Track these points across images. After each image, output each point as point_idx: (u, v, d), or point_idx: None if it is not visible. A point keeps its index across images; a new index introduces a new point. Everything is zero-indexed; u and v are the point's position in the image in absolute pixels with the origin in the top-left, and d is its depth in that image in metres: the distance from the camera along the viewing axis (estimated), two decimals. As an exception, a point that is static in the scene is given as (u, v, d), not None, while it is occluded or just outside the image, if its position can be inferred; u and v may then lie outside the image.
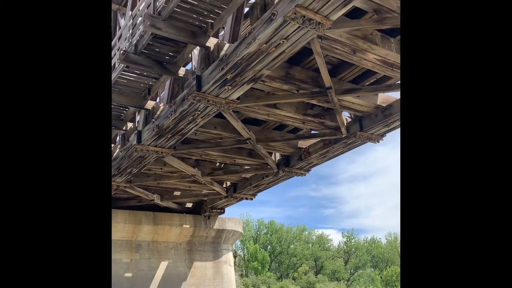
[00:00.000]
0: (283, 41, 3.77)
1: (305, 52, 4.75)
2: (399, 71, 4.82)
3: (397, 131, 6.05)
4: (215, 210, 9.24)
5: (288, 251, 37.44)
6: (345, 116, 6.40)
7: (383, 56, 4.51)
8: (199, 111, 4.84)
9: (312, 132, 6.65)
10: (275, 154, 7.46)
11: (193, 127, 5.26)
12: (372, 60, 4.56)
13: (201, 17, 4.31)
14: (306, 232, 42.11)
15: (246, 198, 8.46)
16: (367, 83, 5.69)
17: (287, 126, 6.63)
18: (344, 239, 41.65)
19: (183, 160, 6.98)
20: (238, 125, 5.64)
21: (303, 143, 6.98)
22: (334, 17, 3.55)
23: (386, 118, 5.65)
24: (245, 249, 38.06)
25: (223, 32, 4.94)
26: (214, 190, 8.17)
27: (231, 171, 7.59)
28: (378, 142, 6.24)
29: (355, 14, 4.19)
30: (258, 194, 8.57)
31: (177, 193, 8.81)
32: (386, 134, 6.17)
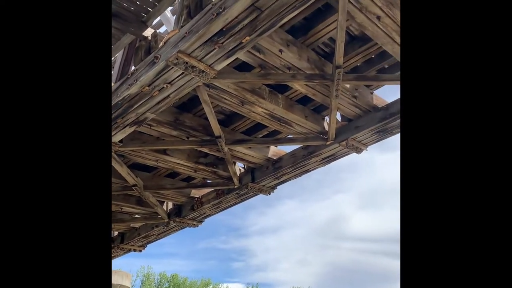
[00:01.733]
0: (167, 86, 3.67)
1: (197, 99, 4.69)
2: (286, 125, 4.98)
3: (299, 184, 6.15)
4: (99, 263, 8.34)
5: (190, 306, 35.49)
6: (240, 166, 6.39)
7: (271, 110, 4.64)
8: (75, 152, 4.41)
9: (208, 181, 6.49)
10: (167, 203, 7.10)
11: (69, 170, 4.76)
12: (260, 113, 4.65)
13: (84, 52, 4.06)
14: (211, 286, 40.62)
15: (135, 250, 7.81)
16: (260, 135, 5.80)
17: (181, 173, 6.40)
18: (248, 293, 40.89)
19: (61, 205, 6.26)
20: (122, 170, 5.26)
21: (196, 192, 6.76)
22: (218, 67, 3.56)
23: (276, 171, 5.74)
24: (143, 306, 35.21)
25: (113, 71, 4.71)
26: (98, 240, 7.41)
27: (118, 219, 7.00)
28: (269, 194, 6.28)
29: (244, 67, 4.28)
30: (164, 245, 8.01)
31: (55, 243, 7.82)
32: (277, 187, 6.26)
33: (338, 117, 5.23)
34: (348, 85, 4.50)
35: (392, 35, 3.68)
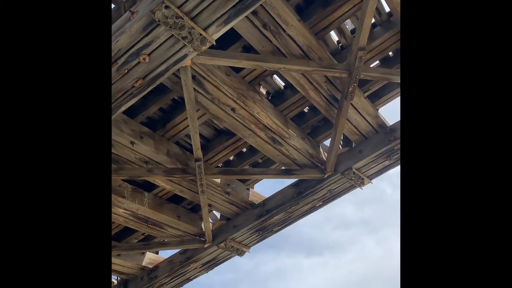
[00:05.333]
0: None
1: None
2: (156, 228, 4.44)
3: None
4: None
5: None
6: (113, 278, 5.50)
7: (134, 210, 4.12)
8: None
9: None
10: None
11: None
12: (122, 214, 4.09)
13: None
14: None
15: None
16: (136, 241, 5.13)
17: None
18: None
19: None
20: None
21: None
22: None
23: (151, 282, 4.99)
24: None
25: None
26: None
27: None
28: (148, 311, 5.37)
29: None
30: None
31: None
32: (157, 301, 5.40)
33: (218, 216, 4.86)
34: (219, 181, 4.22)
35: (251, 127, 3.57)
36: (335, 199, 4.40)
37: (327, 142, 4.33)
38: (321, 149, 4.25)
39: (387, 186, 34.16)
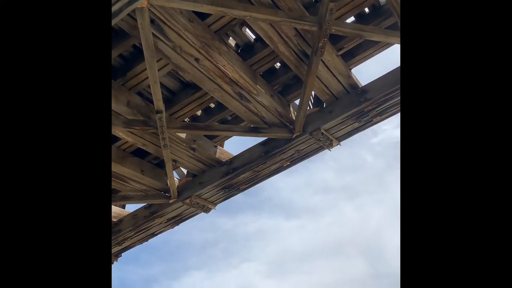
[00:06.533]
0: None
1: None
2: (118, 181, 4.32)
3: (207, 254, 5.34)
4: None
5: None
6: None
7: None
8: None
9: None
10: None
11: None
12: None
13: None
14: None
15: None
16: (101, 194, 5.02)
17: None
18: None
19: None
20: None
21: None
22: None
23: (115, 235, 4.93)
24: None
25: None
26: None
27: None
28: (112, 263, 5.37)
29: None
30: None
31: None
32: (122, 254, 5.39)
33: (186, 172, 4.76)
34: (184, 136, 4.08)
35: (216, 81, 3.40)
36: (303, 159, 4.33)
37: (298, 102, 4.20)
38: (291, 108, 4.13)
39: (368, 155, 34.61)
